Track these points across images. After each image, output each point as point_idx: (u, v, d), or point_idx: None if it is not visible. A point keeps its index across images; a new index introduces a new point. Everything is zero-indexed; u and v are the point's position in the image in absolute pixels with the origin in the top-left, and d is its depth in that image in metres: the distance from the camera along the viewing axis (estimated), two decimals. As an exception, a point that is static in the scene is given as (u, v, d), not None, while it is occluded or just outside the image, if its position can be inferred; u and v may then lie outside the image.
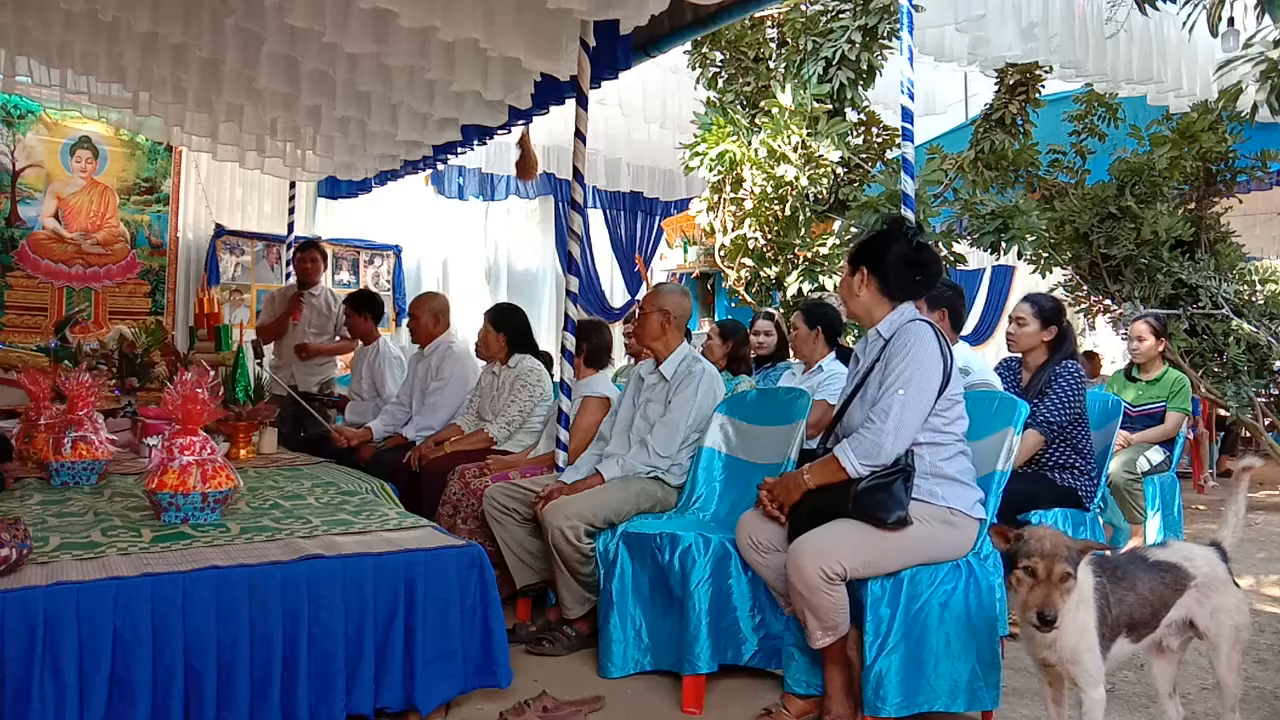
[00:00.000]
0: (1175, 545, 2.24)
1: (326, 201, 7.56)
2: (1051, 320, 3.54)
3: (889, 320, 2.52)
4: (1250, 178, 5.91)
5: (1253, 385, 5.40)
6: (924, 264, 2.52)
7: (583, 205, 3.83)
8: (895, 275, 2.50)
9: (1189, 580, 2.12)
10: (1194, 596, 2.12)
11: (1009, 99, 5.62)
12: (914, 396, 2.36)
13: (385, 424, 4.61)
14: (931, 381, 2.39)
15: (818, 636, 2.36)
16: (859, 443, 2.39)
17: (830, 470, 2.43)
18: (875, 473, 2.37)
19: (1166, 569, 2.12)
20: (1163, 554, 2.18)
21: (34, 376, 3.60)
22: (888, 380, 2.40)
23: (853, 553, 2.31)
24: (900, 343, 2.43)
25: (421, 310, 4.62)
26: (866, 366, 2.53)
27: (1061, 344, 3.53)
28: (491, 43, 3.49)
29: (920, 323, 2.47)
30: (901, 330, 2.46)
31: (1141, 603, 2.08)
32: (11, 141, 6.38)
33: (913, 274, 2.51)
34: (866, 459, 2.37)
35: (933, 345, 2.41)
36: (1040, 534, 1.94)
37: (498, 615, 2.47)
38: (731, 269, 6.08)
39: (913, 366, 2.38)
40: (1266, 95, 4.78)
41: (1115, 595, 2.04)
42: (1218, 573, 2.14)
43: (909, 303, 2.54)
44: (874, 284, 2.52)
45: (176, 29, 3.97)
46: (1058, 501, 3.36)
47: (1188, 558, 2.15)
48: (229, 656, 2.09)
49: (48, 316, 6.39)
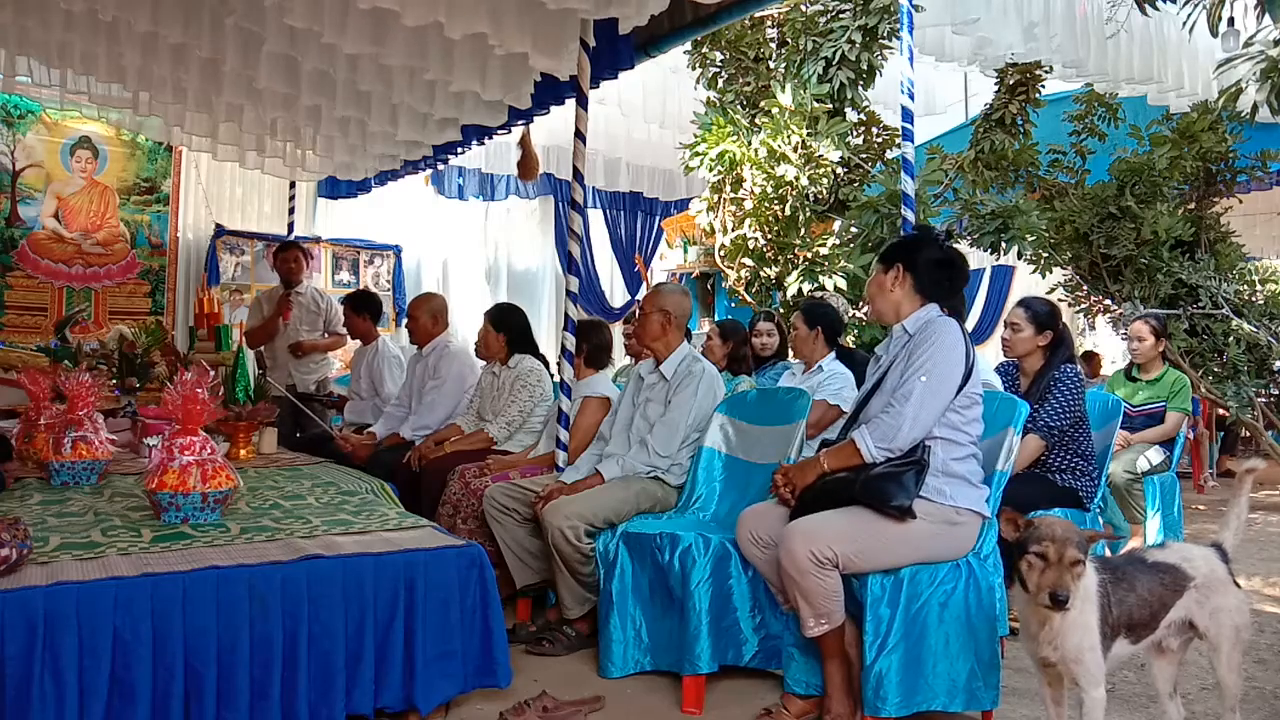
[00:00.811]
0: (1174, 546, 2.24)
1: (326, 201, 7.56)
2: (1046, 325, 3.52)
3: (915, 317, 2.55)
4: (1250, 178, 5.91)
5: (1253, 385, 5.40)
6: (955, 267, 2.57)
7: (583, 205, 3.83)
8: (928, 274, 2.55)
9: (1188, 581, 2.12)
10: (1193, 597, 2.12)
11: (1009, 99, 5.61)
12: (935, 385, 2.39)
13: (387, 427, 4.60)
14: (954, 373, 2.41)
15: (810, 625, 2.36)
16: (877, 427, 2.42)
17: (847, 454, 2.46)
18: (890, 460, 2.38)
19: (1165, 570, 2.12)
20: (1162, 555, 2.17)
21: (34, 376, 3.60)
22: (910, 368, 2.43)
23: (846, 539, 2.32)
24: (925, 334, 2.47)
25: (420, 311, 4.63)
26: (890, 361, 2.56)
27: (1059, 348, 3.51)
28: (498, 39, 3.49)
29: (945, 317, 2.52)
30: (927, 324, 2.50)
31: (1141, 604, 2.08)
32: (11, 141, 6.38)
33: (944, 275, 2.56)
34: (883, 442, 2.39)
35: (958, 339, 2.45)
36: (1050, 521, 1.98)
37: (498, 615, 2.47)
38: (731, 269, 6.08)
39: (936, 356, 2.41)
40: (1266, 95, 4.78)
41: (1116, 595, 2.05)
42: (1217, 573, 2.14)
43: (935, 304, 2.57)
44: (908, 281, 2.55)
45: (176, 29, 3.97)
46: (1058, 502, 3.36)
47: (1187, 559, 2.15)
48: (229, 656, 2.09)
49: (48, 316, 6.38)
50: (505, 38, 3.51)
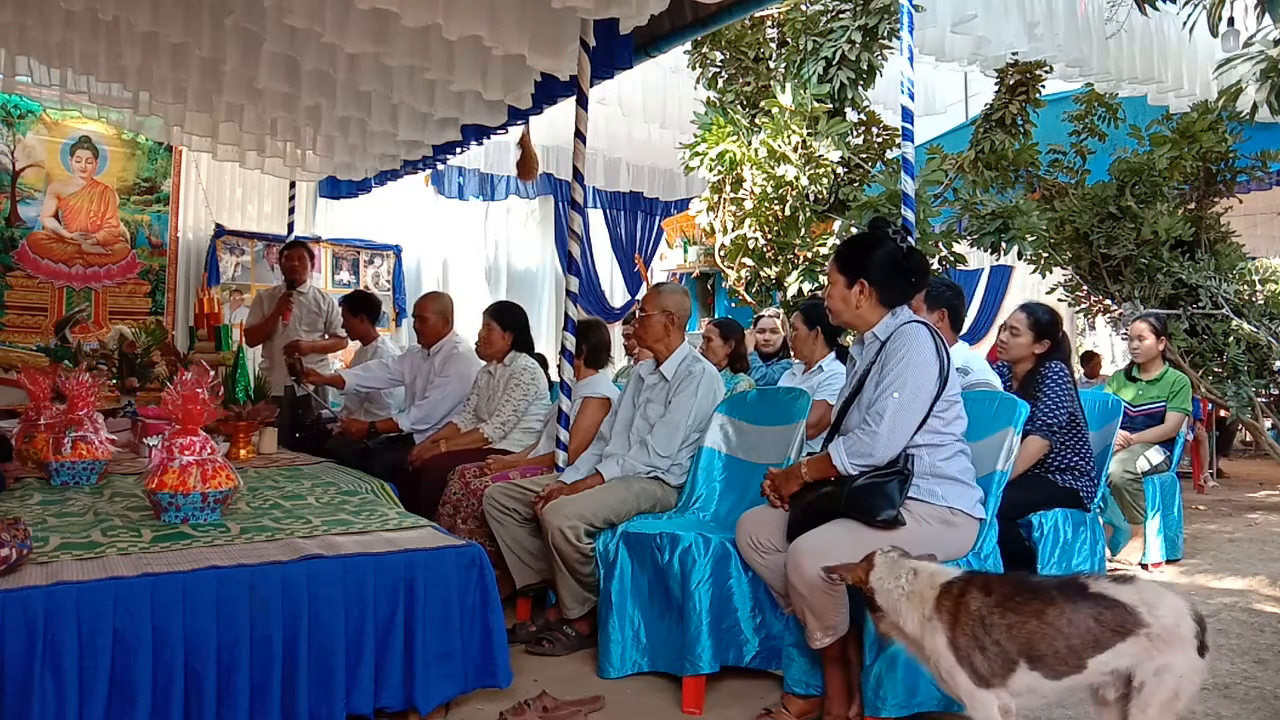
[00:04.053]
0: (1145, 585, 1.87)
1: (326, 201, 7.56)
2: (1046, 334, 3.51)
3: (885, 324, 2.52)
4: (1250, 178, 5.92)
5: (1253, 385, 5.40)
6: (915, 266, 2.53)
7: (583, 205, 3.82)
8: (891, 284, 2.51)
9: (1140, 626, 1.78)
10: (1142, 646, 1.77)
11: (1009, 99, 5.61)
12: (908, 400, 2.37)
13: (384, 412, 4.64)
14: (927, 385, 2.39)
15: (817, 637, 2.36)
16: (853, 443, 2.40)
17: (824, 466, 2.46)
18: (871, 471, 2.37)
19: (1108, 605, 1.81)
20: (1115, 589, 1.84)
21: (34, 376, 3.60)
22: (883, 383, 2.41)
23: (851, 552, 2.31)
24: (896, 345, 2.43)
25: (429, 310, 4.63)
26: (863, 369, 2.53)
27: (1053, 354, 3.52)
28: (495, 40, 3.49)
29: (916, 325, 2.47)
30: (897, 333, 2.46)
31: (1052, 633, 1.82)
32: (11, 141, 6.38)
33: (907, 278, 2.53)
34: (858, 459, 2.38)
35: (929, 348, 2.41)
36: None
37: (498, 615, 2.47)
38: (731, 269, 6.08)
39: (908, 370, 2.38)
40: (1266, 95, 4.78)
41: (995, 619, 1.87)
42: (1181, 630, 1.77)
43: (903, 306, 2.55)
44: (873, 295, 2.51)
45: (176, 29, 3.97)
46: (1058, 502, 3.37)
47: (1148, 602, 1.80)
48: (229, 657, 2.09)
49: (48, 316, 6.39)
50: (503, 39, 3.51)
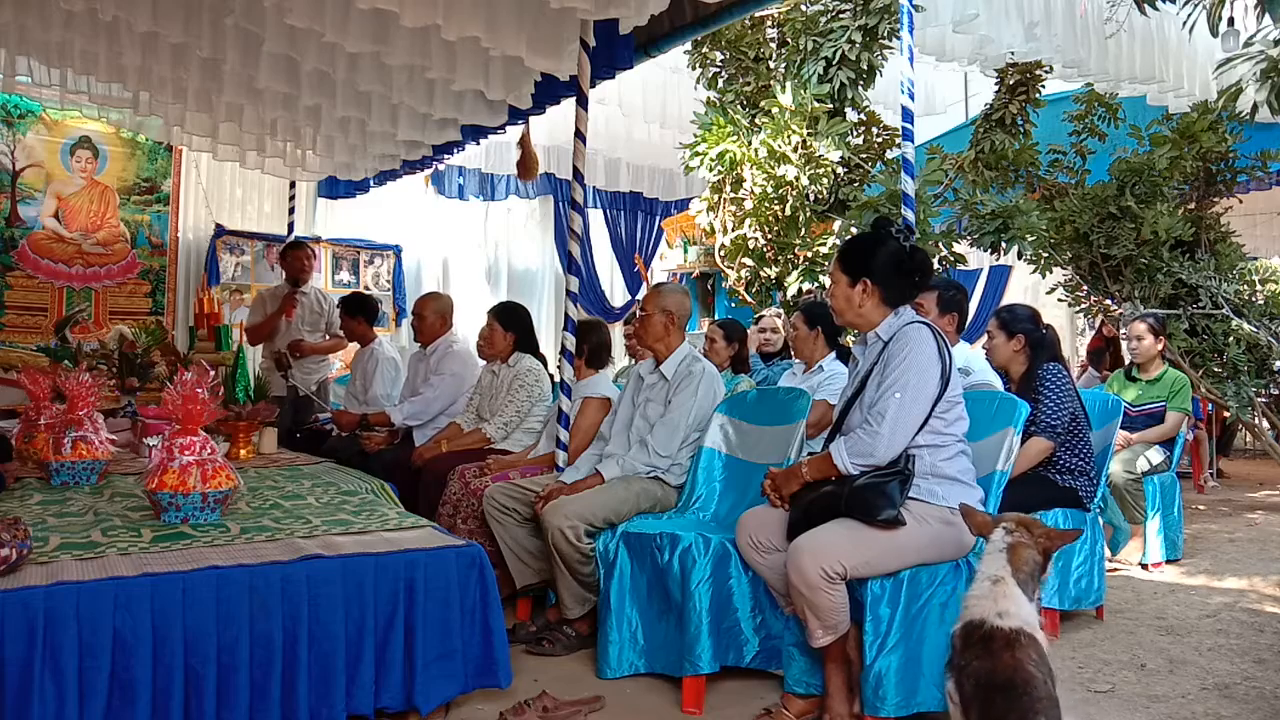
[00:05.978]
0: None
1: (326, 201, 7.56)
2: (1015, 330, 3.63)
3: (888, 323, 2.52)
4: (1250, 178, 5.92)
5: (1253, 385, 5.40)
6: (919, 266, 2.53)
7: (583, 205, 3.82)
8: (895, 283, 2.51)
9: None
10: None
11: (1009, 99, 5.61)
12: (910, 401, 2.37)
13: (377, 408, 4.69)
14: (929, 385, 2.39)
15: (818, 636, 2.36)
16: (854, 443, 2.41)
17: (826, 466, 2.46)
18: (872, 471, 2.37)
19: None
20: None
21: (34, 376, 3.60)
22: (885, 383, 2.41)
23: (852, 551, 2.31)
24: (899, 345, 2.43)
25: (428, 309, 4.65)
26: (866, 369, 2.53)
27: (1038, 350, 3.59)
28: (493, 41, 3.49)
29: (919, 325, 2.47)
30: (900, 333, 2.46)
31: None
32: (11, 141, 6.38)
33: (910, 278, 2.53)
34: (859, 459, 2.39)
35: (931, 348, 2.41)
36: None
37: (498, 615, 2.47)
38: (731, 269, 6.08)
39: (910, 370, 2.38)
40: (1266, 95, 4.78)
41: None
42: None
43: (906, 306, 2.55)
44: (876, 293, 2.52)
45: (176, 29, 3.97)
46: (1058, 502, 3.37)
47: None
48: (229, 656, 2.09)
49: (48, 316, 6.38)
50: (501, 40, 3.51)
